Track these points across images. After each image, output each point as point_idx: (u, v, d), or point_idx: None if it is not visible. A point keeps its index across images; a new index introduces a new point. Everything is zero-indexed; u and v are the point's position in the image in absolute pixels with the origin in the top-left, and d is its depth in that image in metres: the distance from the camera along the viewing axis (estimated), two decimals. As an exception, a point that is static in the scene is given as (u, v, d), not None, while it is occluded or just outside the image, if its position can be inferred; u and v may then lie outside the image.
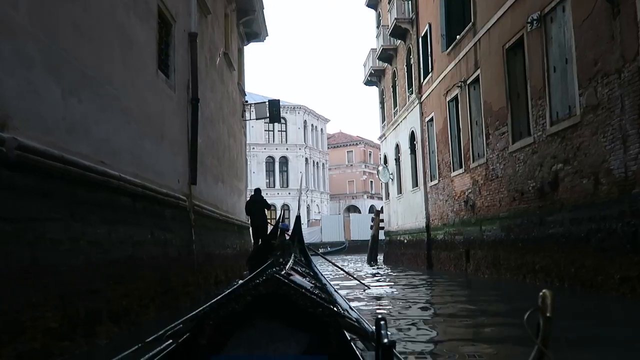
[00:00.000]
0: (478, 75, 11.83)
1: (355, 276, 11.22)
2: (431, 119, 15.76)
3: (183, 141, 8.19)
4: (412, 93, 17.66)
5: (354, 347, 1.84)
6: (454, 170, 13.78)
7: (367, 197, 56.66)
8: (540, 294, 1.01)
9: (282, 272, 2.32)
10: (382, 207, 23.79)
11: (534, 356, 0.98)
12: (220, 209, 11.10)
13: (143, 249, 5.80)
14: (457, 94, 13.30)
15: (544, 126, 8.82)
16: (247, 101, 15.52)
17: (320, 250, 34.96)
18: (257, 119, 15.70)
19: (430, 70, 15.60)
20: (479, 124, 12.13)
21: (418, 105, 16.86)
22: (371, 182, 58.17)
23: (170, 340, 1.84)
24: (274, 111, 15.16)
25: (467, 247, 12.55)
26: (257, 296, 1.81)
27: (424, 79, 16.38)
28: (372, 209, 53.68)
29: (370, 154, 59.12)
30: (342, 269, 12.11)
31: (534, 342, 0.99)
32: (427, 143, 16.27)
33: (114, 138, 5.37)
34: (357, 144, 58.92)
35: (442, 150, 14.72)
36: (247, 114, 15.96)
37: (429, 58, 15.59)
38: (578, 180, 7.79)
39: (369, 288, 9.63)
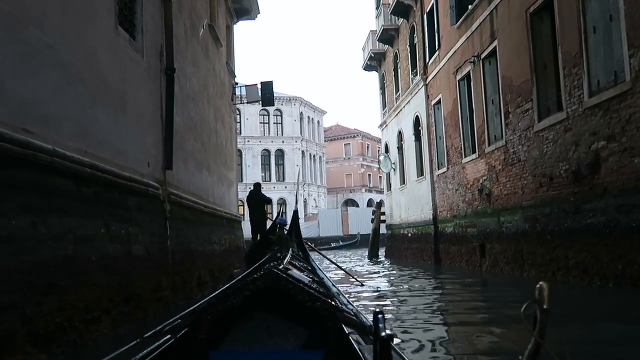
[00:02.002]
0: (495, 47, 10.52)
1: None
2: (438, 102, 14.46)
3: (155, 118, 6.87)
4: (416, 75, 16.34)
5: (352, 341, 1.79)
6: (465, 156, 12.49)
7: (365, 191, 55.48)
8: (537, 285, 0.97)
9: (280, 267, 2.26)
10: (380, 200, 22.46)
11: (531, 348, 0.97)
12: (205, 200, 9.80)
13: (92, 246, 4.50)
14: (469, 71, 11.99)
15: (580, 98, 7.53)
16: (237, 83, 14.18)
17: (333, 245, 34.49)
18: (248, 102, 14.38)
19: (437, 48, 14.28)
20: (495, 103, 10.84)
21: (423, 88, 15.55)
22: (369, 175, 56.99)
23: (169, 335, 1.79)
24: (266, 94, 13.84)
25: (482, 241, 11.29)
26: (255, 291, 1.81)
27: (429, 59, 15.07)
28: (370, 202, 52.57)
29: (368, 147, 57.87)
30: (338, 266, 11.47)
31: (531, 334, 0.97)
32: (434, 128, 14.97)
33: (45, 100, 4.05)
34: (354, 137, 57.62)
35: (452, 134, 13.43)
36: (237, 98, 14.63)
37: (436, 34, 14.27)
38: (627, 159, 6.51)
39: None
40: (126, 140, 5.72)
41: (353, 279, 9.83)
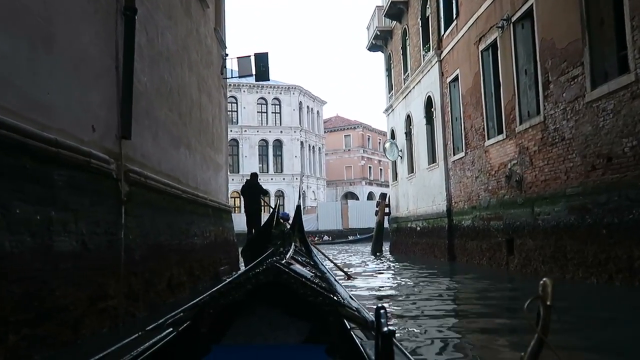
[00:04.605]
0: (531, 5, 8.86)
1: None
2: (455, 78, 12.80)
3: (107, 68, 5.22)
4: (428, 50, 14.68)
5: (354, 336, 1.79)
6: (489, 138, 10.86)
7: (366, 184, 53.92)
8: (541, 282, 0.96)
9: (283, 261, 2.28)
10: (381, 194, 20.80)
11: (534, 344, 0.96)
12: (184, 184, 8.16)
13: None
14: (495, 39, 10.34)
15: (656, 54, 5.90)
16: (227, 54, 12.50)
17: (350, 238, 33.28)
18: (240, 76, 12.71)
19: (454, 17, 12.63)
20: (529, 73, 9.19)
21: (437, 64, 13.89)
22: (370, 167, 55.40)
23: (171, 329, 1.76)
24: (261, 67, 12.17)
25: (510, 235, 9.68)
26: (258, 285, 1.80)
27: (445, 31, 13.41)
28: (370, 195, 50.95)
29: (368, 139, 56.25)
30: (335, 264, 10.61)
31: (534, 330, 0.96)
32: (449, 108, 13.32)
33: None
34: (355, 128, 55.94)
35: (472, 114, 11.78)
36: (228, 72, 12.97)
37: (454, 1, 12.60)
38: None
39: None
40: (53, 90, 4.07)
41: (341, 272, 9.52)
